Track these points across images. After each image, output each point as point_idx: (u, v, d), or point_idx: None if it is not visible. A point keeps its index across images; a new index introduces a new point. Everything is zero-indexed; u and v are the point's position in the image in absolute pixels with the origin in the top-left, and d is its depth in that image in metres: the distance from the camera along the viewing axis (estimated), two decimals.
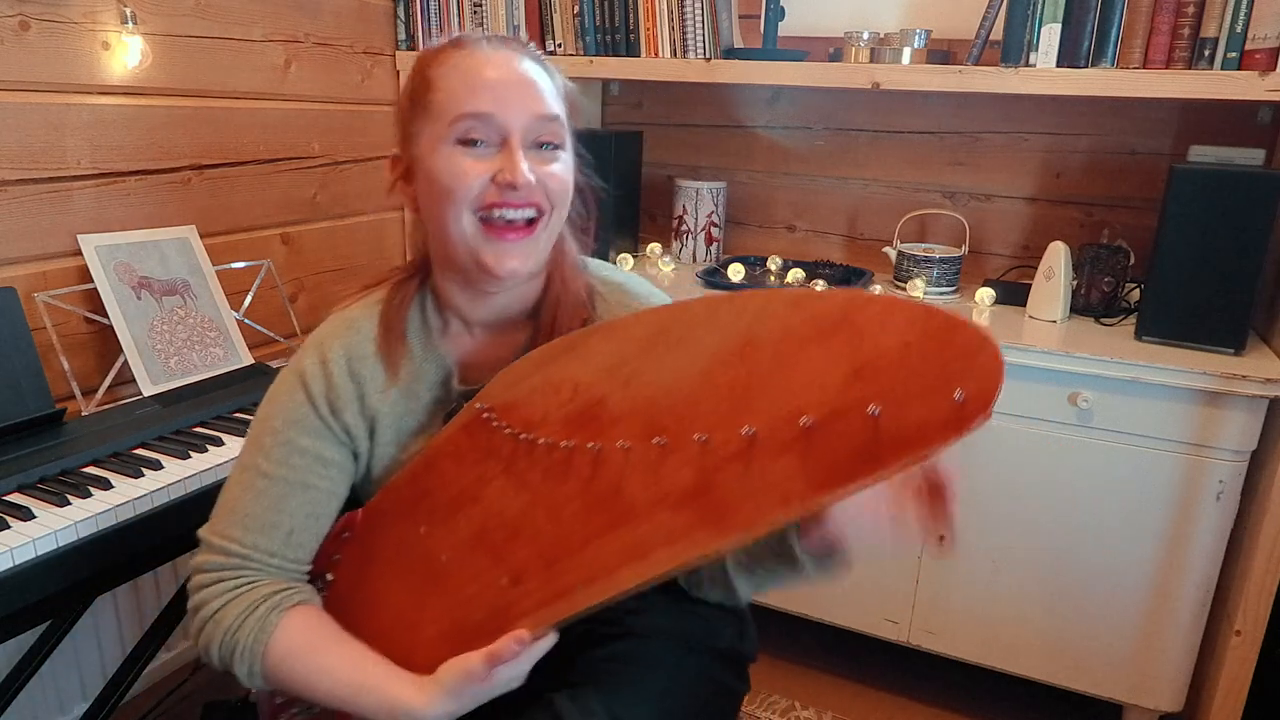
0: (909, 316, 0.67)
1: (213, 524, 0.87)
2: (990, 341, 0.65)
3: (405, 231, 2.11)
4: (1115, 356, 1.41)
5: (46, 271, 1.35)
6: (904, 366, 0.66)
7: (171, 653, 1.61)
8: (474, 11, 1.91)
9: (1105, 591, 1.51)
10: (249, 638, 0.81)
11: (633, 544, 0.77)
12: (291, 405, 0.87)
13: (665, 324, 0.77)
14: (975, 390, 0.65)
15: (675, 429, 0.75)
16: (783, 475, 0.70)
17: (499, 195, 0.81)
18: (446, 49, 0.85)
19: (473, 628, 0.82)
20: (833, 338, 0.69)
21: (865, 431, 0.67)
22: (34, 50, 1.30)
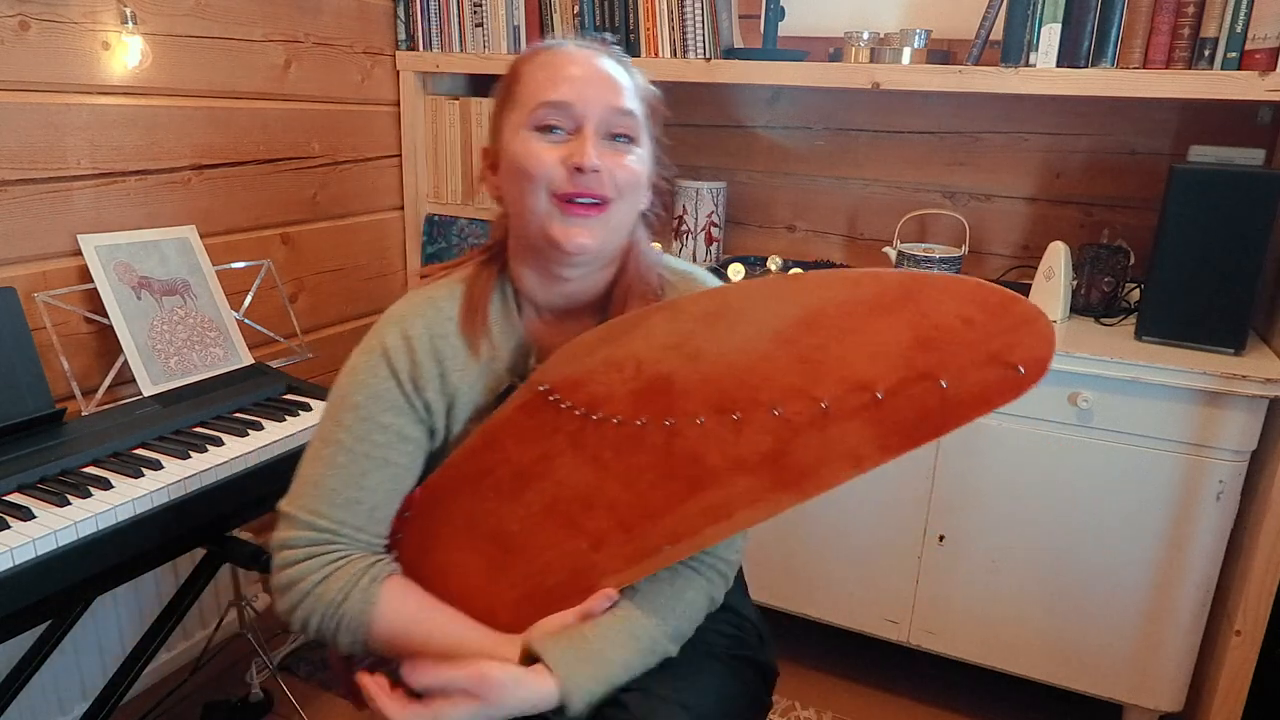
0: (967, 293, 0.74)
1: (294, 498, 0.89)
2: (1042, 314, 0.74)
3: (404, 233, 2.11)
4: (1115, 356, 1.41)
5: (46, 271, 1.35)
6: (966, 337, 0.74)
7: (171, 653, 1.61)
8: (474, 11, 1.91)
9: (1105, 591, 1.51)
10: (355, 609, 0.85)
11: (714, 506, 0.83)
12: (374, 381, 0.88)
13: (726, 301, 0.81)
14: (1031, 357, 0.74)
15: (749, 402, 0.80)
16: (855, 439, 0.78)
17: (570, 183, 0.84)
18: (538, 49, 0.90)
19: (550, 590, 0.89)
20: (895, 313, 0.76)
21: (933, 398, 0.76)
22: (34, 50, 1.30)
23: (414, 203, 2.09)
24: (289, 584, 0.87)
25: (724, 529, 0.84)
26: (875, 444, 0.78)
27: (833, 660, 1.88)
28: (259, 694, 1.69)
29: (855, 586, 1.71)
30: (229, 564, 1.42)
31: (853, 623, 1.73)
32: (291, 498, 0.90)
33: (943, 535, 1.61)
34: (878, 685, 1.83)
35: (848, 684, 1.83)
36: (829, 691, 1.81)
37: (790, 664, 1.87)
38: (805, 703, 1.77)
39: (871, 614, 1.71)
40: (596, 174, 0.84)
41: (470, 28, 1.93)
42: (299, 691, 1.75)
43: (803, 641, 1.91)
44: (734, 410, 0.81)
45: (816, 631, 1.81)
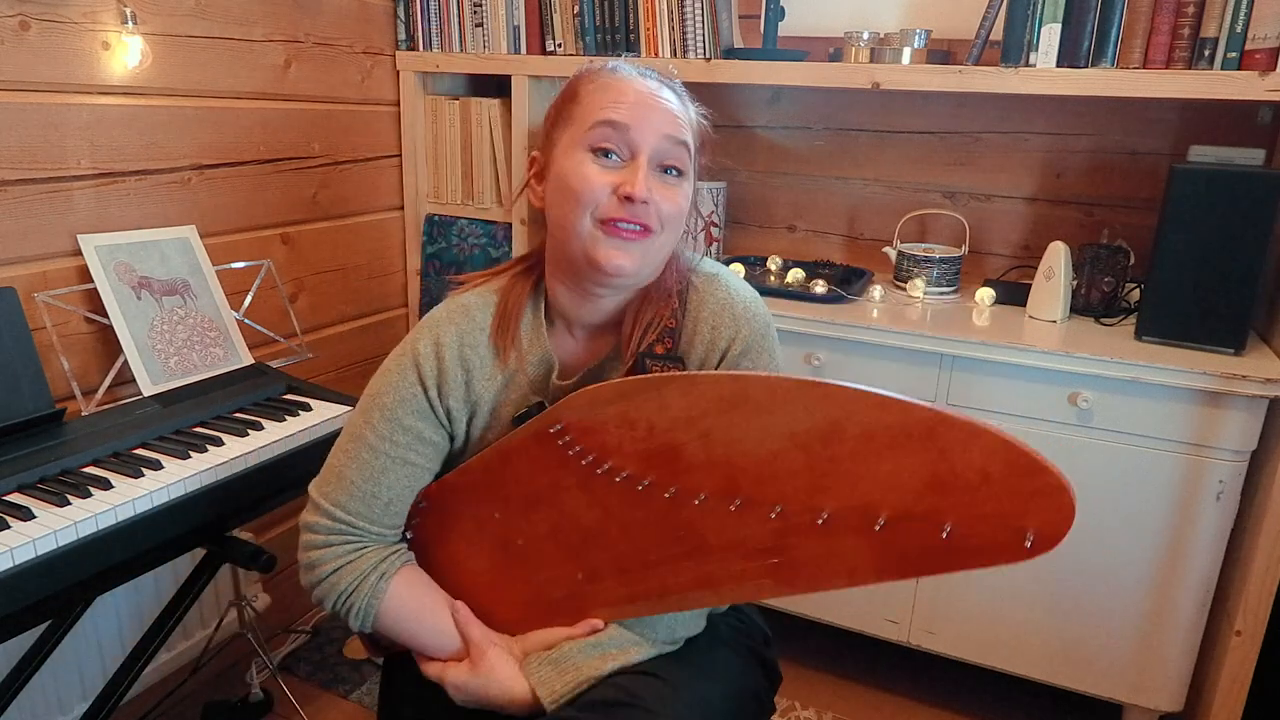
0: (993, 447, 0.71)
1: (320, 484, 0.95)
2: (1068, 489, 0.70)
3: (404, 233, 2.11)
4: (1115, 356, 1.41)
5: (46, 271, 1.35)
6: (980, 491, 0.72)
7: (171, 653, 1.61)
8: (474, 11, 1.91)
9: (1105, 591, 1.51)
10: (363, 601, 0.92)
11: (704, 575, 0.84)
12: (403, 385, 0.92)
13: (746, 391, 0.79)
14: (1043, 531, 0.71)
15: (752, 494, 0.80)
16: (851, 556, 0.78)
17: (617, 210, 0.86)
18: (599, 70, 0.92)
19: (551, 603, 0.93)
20: (915, 447, 0.74)
21: (933, 540, 0.75)
22: (34, 50, 1.30)
23: (414, 203, 2.09)
24: (309, 565, 0.94)
25: (711, 598, 0.86)
26: (870, 566, 0.78)
27: (833, 660, 1.88)
28: (259, 694, 1.69)
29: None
30: (229, 564, 1.42)
31: (853, 623, 1.73)
32: (319, 482, 0.95)
33: None
34: (878, 685, 1.83)
35: (848, 684, 1.83)
36: (829, 691, 1.81)
37: (790, 664, 1.87)
38: (805, 703, 1.77)
39: (871, 614, 1.71)
40: (645, 205, 0.85)
41: (470, 28, 1.93)
42: (299, 691, 1.75)
43: (803, 641, 1.91)
44: (736, 497, 0.81)
45: (816, 631, 1.81)
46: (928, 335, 1.52)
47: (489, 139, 1.98)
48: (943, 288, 1.77)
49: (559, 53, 1.87)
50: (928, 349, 1.53)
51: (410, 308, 2.15)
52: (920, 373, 1.56)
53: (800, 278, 1.82)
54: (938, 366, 1.55)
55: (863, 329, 1.57)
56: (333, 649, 1.90)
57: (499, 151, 1.98)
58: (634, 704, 0.84)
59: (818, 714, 1.74)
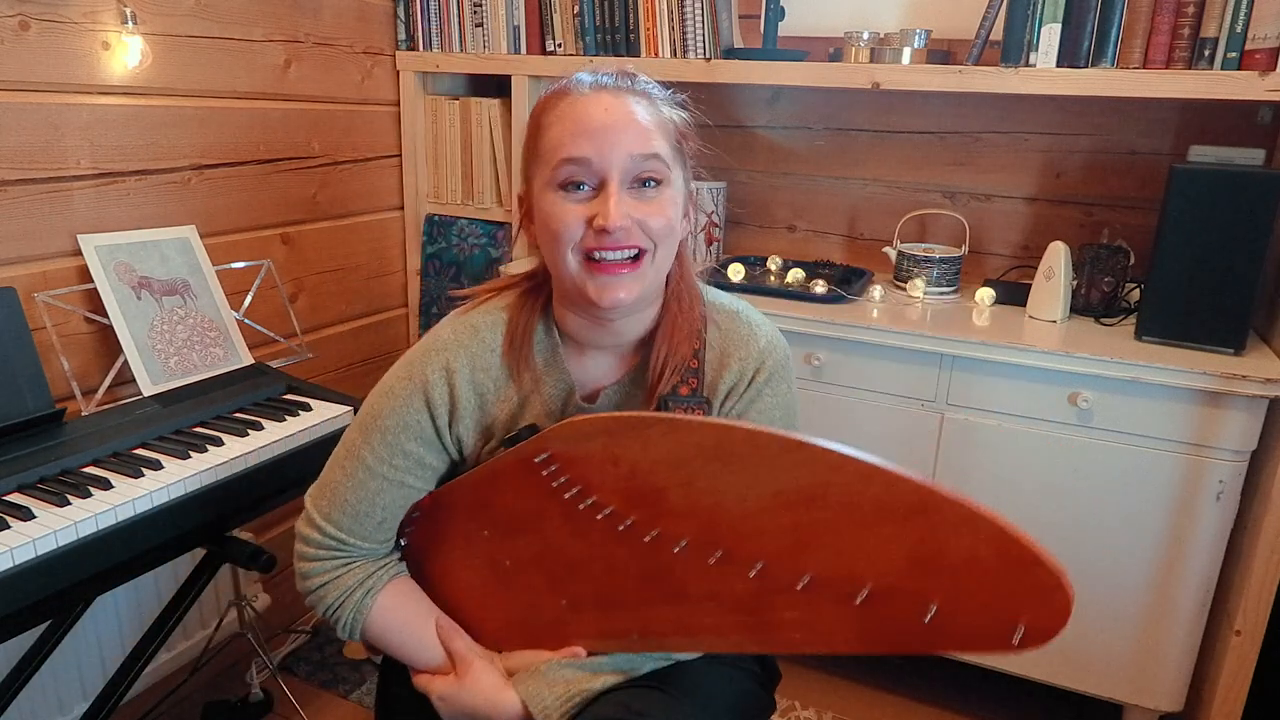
0: (985, 534, 0.67)
1: (315, 496, 0.95)
2: (1064, 586, 0.66)
3: (404, 233, 2.11)
4: (1115, 356, 1.41)
5: (46, 271, 1.35)
6: (968, 577, 0.68)
7: (171, 653, 1.61)
8: (474, 11, 1.91)
9: (1105, 591, 1.51)
10: (349, 615, 0.94)
11: (683, 622, 0.83)
12: (408, 411, 0.91)
13: (730, 443, 0.77)
14: (1035, 627, 0.68)
15: (732, 548, 0.78)
16: (830, 622, 0.76)
17: (596, 240, 0.84)
18: (556, 94, 0.88)
19: (536, 627, 0.93)
20: (901, 523, 0.70)
21: (915, 620, 0.71)
22: (34, 50, 1.30)
23: (414, 203, 2.09)
24: (303, 575, 0.95)
25: (688, 644, 0.86)
26: (852, 635, 0.75)
27: (833, 660, 1.88)
28: (259, 694, 1.69)
29: None
30: (229, 564, 1.42)
31: None
32: (314, 493, 0.96)
33: None
34: (878, 685, 1.83)
35: (848, 684, 1.83)
36: (829, 691, 1.81)
37: (790, 664, 1.87)
38: (805, 703, 1.77)
39: None
40: (625, 230, 0.83)
41: (470, 28, 1.93)
42: (299, 691, 1.75)
43: None
44: (716, 549, 0.79)
45: None
46: (928, 335, 1.52)
47: (489, 139, 1.98)
48: (943, 288, 1.77)
49: (559, 53, 1.87)
50: (928, 349, 1.53)
51: (410, 308, 2.15)
52: (920, 373, 1.56)
53: (800, 278, 1.82)
54: (938, 366, 1.55)
55: (863, 329, 1.57)
56: (333, 649, 1.90)
57: (499, 151, 1.98)
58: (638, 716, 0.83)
59: (818, 714, 1.74)
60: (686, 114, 0.92)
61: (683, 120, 0.91)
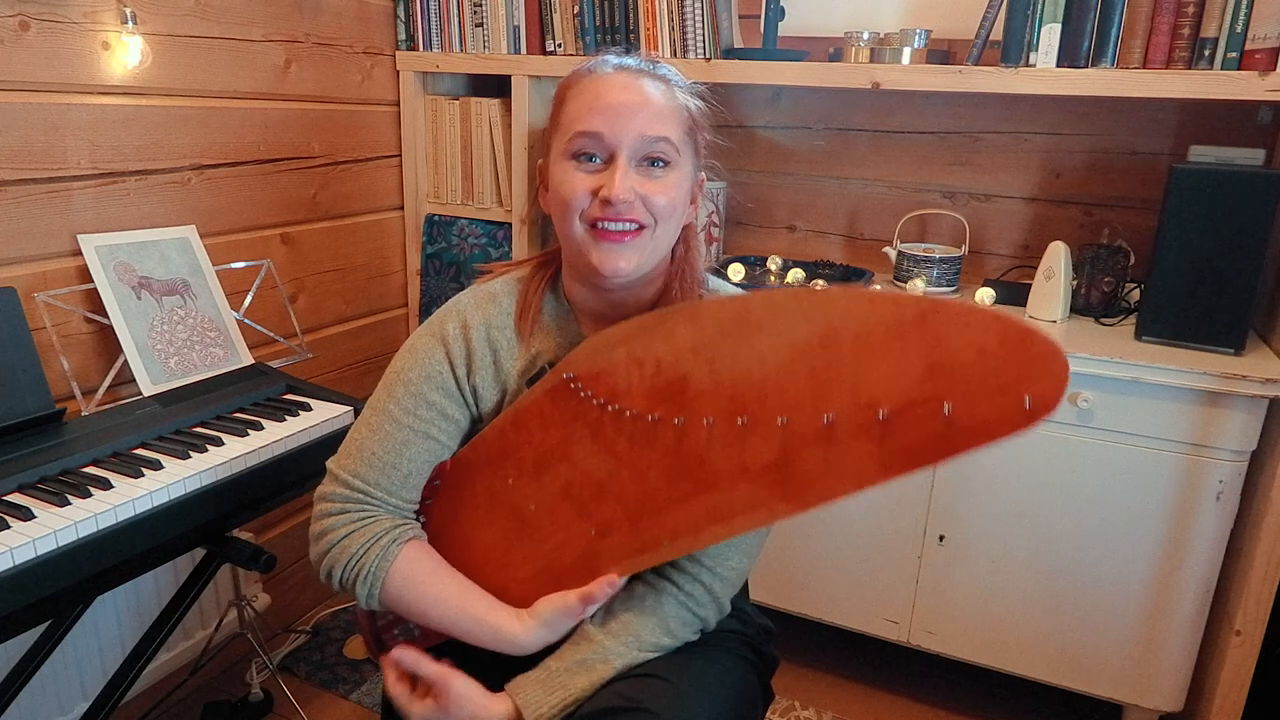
0: (984, 322, 0.73)
1: (339, 458, 0.96)
2: (1059, 351, 0.72)
3: (404, 233, 2.11)
4: (1115, 356, 1.41)
5: (46, 271, 1.35)
6: (978, 368, 0.74)
7: (171, 653, 1.61)
8: (474, 11, 1.91)
9: (1105, 591, 1.52)
10: (372, 564, 0.92)
11: (716, 507, 0.85)
12: (430, 362, 0.95)
13: (747, 310, 0.82)
14: (1042, 394, 0.73)
15: (757, 409, 0.82)
16: (858, 457, 0.79)
17: (600, 210, 0.88)
18: (581, 72, 0.93)
19: (561, 569, 0.93)
20: (910, 337, 0.76)
21: (937, 424, 0.76)
22: (34, 50, 1.30)
23: (414, 203, 2.09)
24: (320, 534, 0.95)
25: (723, 531, 0.86)
26: (877, 463, 0.79)
27: (833, 660, 1.88)
28: (259, 694, 1.69)
29: (855, 586, 1.71)
30: (229, 564, 1.42)
31: (853, 623, 1.73)
32: (338, 457, 0.97)
33: (943, 535, 1.61)
34: (878, 685, 1.83)
35: (848, 684, 1.83)
36: (829, 691, 1.81)
37: (790, 664, 1.87)
38: (805, 703, 1.77)
39: (871, 614, 1.71)
40: (627, 203, 0.87)
41: (470, 28, 1.93)
42: (299, 691, 1.75)
43: (803, 641, 1.91)
44: (741, 415, 0.83)
45: (816, 631, 1.82)
46: None
47: (489, 139, 1.98)
48: (943, 288, 1.77)
49: (559, 53, 1.87)
50: None
51: (410, 308, 2.15)
52: None
53: (800, 278, 1.82)
54: None
55: None
56: (333, 649, 1.90)
57: (499, 151, 1.98)
58: (635, 708, 0.83)
59: (818, 714, 1.74)
60: (704, 105, 0.96)
61: (698, 109, 0.95)
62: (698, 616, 0.95)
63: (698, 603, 0.95)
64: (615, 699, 0.85)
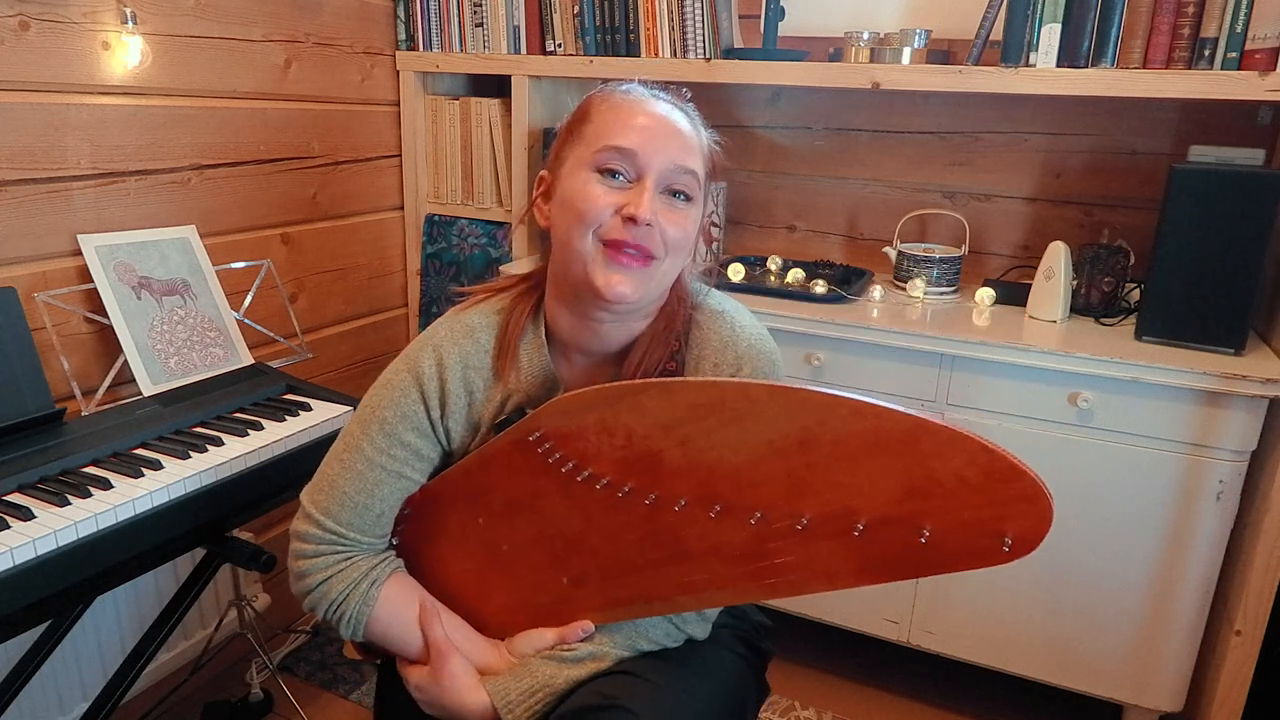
0: (970, 454, 0.71)
1: (313, 492, 0.95)
2: (1044, 493, 0.71)
3: (404, 233, 2.11)
4: (1115, 356, 1.41)
5: (46, 271, 1.35)
6: (958, 498, 0.73)
7: (171, 653, 1.61)
8: (474, 11, 1.91)
9: (1105, 591, 1.51)
10: (354, 610, 0.93)
11: (687, 580, 0.85)
12: (405, 402, 0.93)
13: (722, 398, 0.79)
14: (1022, 534, 0.72)
15: (731, 500, 0.81)
16: (830, 560, 0.79)
17: (620, 232, 0.85)
18: (613, 91, 0.92)
19: (538, 608, 0.93)
20: (892, 454, 0.74)
21: (914, 544, 0.75)
22: (34, 50, 1.30)
23: (414, 203, 2.09)
24: (300, 574, 0.94)
25: (694, 603, 0.86)
26: (851, 569, 0.78)
27: (833, 660, 1.88)
28: (259, 694, 1.69)
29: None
30: (229, 564, 1.42)
31: (853, 623, 1.73)
32: (311, 490, 0.96)
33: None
34: (878, 685, 1.83)
35: (848, 684, 1.83)
36: (829, 691, 1.81)
37: (790, 664, 1.87)
38: (805, 703, 1.77)
39: (871, 614, 1.71)
40: (649, 228, 0.85)
41: (470, 28, 1.93)
42: (299, 691, 1.75)
43: (803, 641, 1.91)
44: (715, 503, 0.81)
45: (816, 631, 1.81)
46: (928, 335, 1.52)
47: (489, 139, 1.98)
48: (943, 288, 1.77)
49: (559, 53, 1.87)
50: (928, 349, 1.53)
51: (410, 308, 2.15)
52: (920, 373, 1.56)
53: (800, 278, 1.82)
54: (938, 366, 1.55)
55: (863, 329, 1.57)
56: (333, 649, 1.90)
57: (499, 151, 1.98)
58: (612, 706, 0.83)
59: (818, 714, 1.74)
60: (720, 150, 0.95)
61: (718, 154, 0.94)
62: (683, 632, 0.95)
63: (684, 620, 0.95)
64: (594, 697, 0.85)
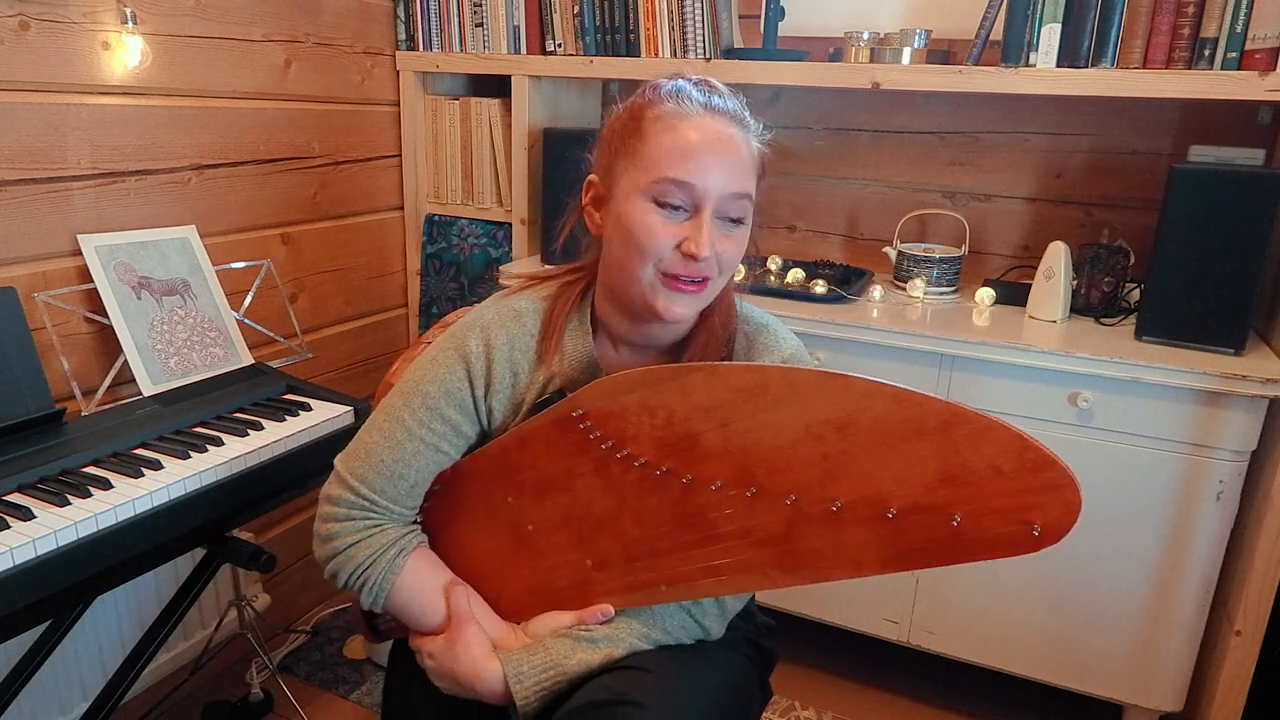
0: (1005, 441, 0.74)
1: (348, 459, 0.96)
2: (1074, 483, 0.73)
3: (404, 233, 2.11)
4: (1115, 356, 1.41)
5: (46, 271, 1.35)
6: (991, 486, 0.74)
7: (171, 653, 1.61)
8: (474, 11, 1.91)
9: (1105, 591, 1.51)
10: (378, 577, 0.93)
11: (714, 564, 0.86)
12: (451, 378, 0.94)
13: (766, 382, 0.81)
14: (1052, 523, 0.74)
15: (766, 483, 0.82)
16: (861, 548, 0.80)
17: (680, 265, 0.87)
18: (664, 97, 0.89)
19: (557, 591, 0.94)
20: (928, 441, 0.76)
21: (944, 532, 0.77)
22: (34, 50, 1.30)
23: (414, 203, 2.09)
24: (326, 537, 0.95)
25: (717, 587, 0.87)
26: (878, 556, 0.79)
27: (833, 660, 1.88)
28: (259, 694, 1.69)
29: (855, 586, 1.71)
30: (229, 564, 1.42)
31: (853, 623, 1.73)
32: (346, 456, 0.96)
33: None
34: (878, 685, 1.83)
35: (848, 684, 1.83)
36: (829, 691, 1.81)
37: (790, 664, 1.87)
38: (805, 703, 1.77)
39: (871, 614, 1.71)
40: (709, 261, 0.87)
41: (470, 28, 1.93)
42: (299, 691, 1.75)
43: (803, 641, 1.91)
44: (751, 485, 0.83)
45: (816, 631, 1.81)
46: (928, 335, 1.52)
47: (489, 139, 1.98)
48: (943, 288, 1.77)
49: (559, 53, 1.87)
50: (928, 349, 1.53)
51: (410, 308, 2.15)
52: (920, 373, 1.56)
53: (800, 278, 1.82)
54: (938, 366, 1.55)
55: (863, 329, 1.57)
56: (333, 649, 1.90)
57: (499, 151, 1.98)
58: (622, 701, 0.83)
59: (818, 714, 1.74)
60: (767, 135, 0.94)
61: (768, 156, 0.94)
62: (700, 625, 0.95)
63: (704, 612, 0.95)
64: (602, 692, 0.85)
